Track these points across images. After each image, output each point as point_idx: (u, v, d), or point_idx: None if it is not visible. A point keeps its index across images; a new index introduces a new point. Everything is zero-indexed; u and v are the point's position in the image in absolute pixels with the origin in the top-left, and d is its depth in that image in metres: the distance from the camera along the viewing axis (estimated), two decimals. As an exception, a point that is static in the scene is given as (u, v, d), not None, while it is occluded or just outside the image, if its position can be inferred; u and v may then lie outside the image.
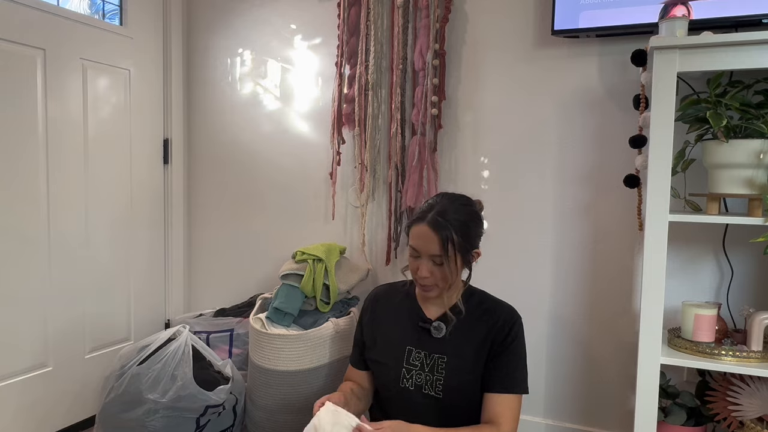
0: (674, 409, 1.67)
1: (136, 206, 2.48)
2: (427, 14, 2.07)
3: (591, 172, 1.98)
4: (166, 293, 2.66)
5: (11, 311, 2.01)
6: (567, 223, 2.01)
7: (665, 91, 1.47)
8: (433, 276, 1.39)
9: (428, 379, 1.43)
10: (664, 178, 1.48)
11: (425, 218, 1.37)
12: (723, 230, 1.78)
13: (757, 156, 1.45)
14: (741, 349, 1.50)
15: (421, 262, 1.39)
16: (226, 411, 1.99)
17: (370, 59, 2.18)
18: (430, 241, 1.36)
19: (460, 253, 1.37)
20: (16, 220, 2.01)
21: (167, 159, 2.61)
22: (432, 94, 2.07)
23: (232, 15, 2.54)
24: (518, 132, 2.07)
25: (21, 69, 2.01)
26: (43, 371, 2.13)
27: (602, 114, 1.95)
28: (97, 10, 2.38)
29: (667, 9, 1.55)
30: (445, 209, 1.38)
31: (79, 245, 2.23)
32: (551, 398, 2.06)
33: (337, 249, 2.18)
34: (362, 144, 2.23)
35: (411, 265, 1.43)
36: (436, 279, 1.39)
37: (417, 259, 1.40)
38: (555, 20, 1.88)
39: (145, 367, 1.92)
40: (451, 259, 1.36)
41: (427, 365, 1.44)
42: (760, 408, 1.55)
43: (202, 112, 2.64)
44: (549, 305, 2.04)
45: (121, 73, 2.39)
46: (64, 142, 2.16)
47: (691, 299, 1.69)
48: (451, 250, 1.35)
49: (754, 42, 1.40)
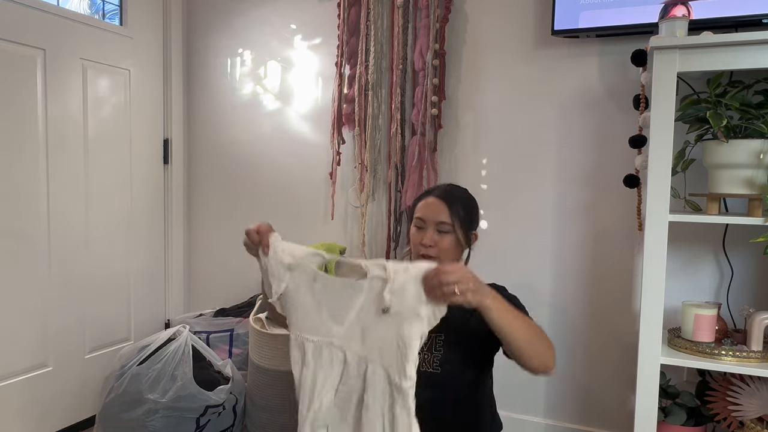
0: (674, 409, 1.67)
1: (136, 206, 2.48)
2: (427, 14, 2.06)
3: (591, 172, 1.98)
4: (166, 293, 2.66)
5: (11, 311, 2.01)
6: (567, 223, 2.01)
7: (665, 91, 1.47)
8: (437, 246, 1.41)
9: (426, 358, 1.43)
10: (664, 178, 1.48)
11: (433, 192, 1.46)
12: (723, 230, 1.78)
13: (757, 156, 1.45)
14: (741, 349, 1.50)
15: (425, 232, 1.42)
16: (226, 411, 1.99)
17: (370, 59, 2.18)
18: (438, 209, 1.41)
19: (463, 228, 1.42)
20: (16, 219, 2.01)
21: (167, 159, 2.61)
22: (432, 94, 2.07)
23: (232, 15, 2.54)
24: (518, 132, 2.07)
25: (21, 69, 2.01)
26: (43, 371, 2.13)
27: (602, 114, 1.95)
28: (97, 10, 2.38)
29: (667, 9, 1.55)
30: (451, 187, 1.49)
31: (79, 245, 2.23)
32: (551, 398, 2.06)
33: (337, 249, 2.18)
34: (362, 144, 2.23)
35: (414, 238, 1.45)
36: (439, 249, 1.42)
37: (421, 231, 1.43)
38: (555, 20, 1.88)
39: (145, 367, 1.92)
40: (456, 229, 1.41)
41: (425, 345, 1.44)
42: (760, 408, 1.55)
43: (202, 112, 2.64)
44: (549, 305, 2.04)
45: (121, 73, 2.38)
46: (64, 142, 2.16)
47: (691, 299, 1.69)
48: (457, 221, 1.41)
49: (754, 42, 1.40)
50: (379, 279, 1.14)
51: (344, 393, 1.19)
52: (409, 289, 1.12)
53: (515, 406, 2.07)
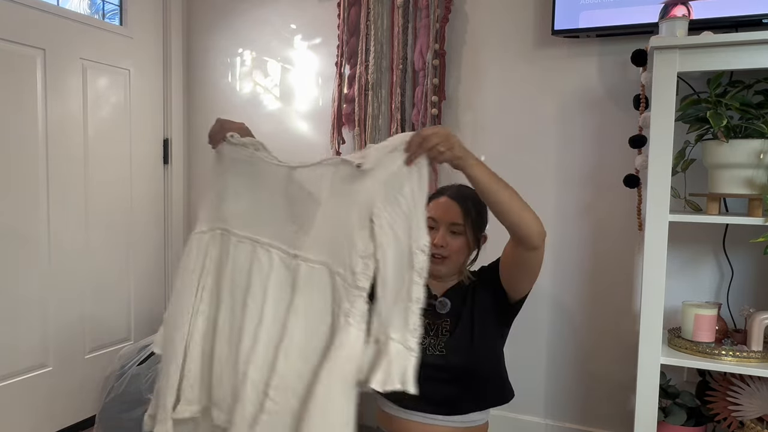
0: (674, 409, 1.67)
1: (136, 206, 2.48)
2: (427, 14, 2.07)
3: (591, 172, 1.97)
4: (166, 293, 2.66)
5: (11, 311, 2.01)
6: (567, 223, 2.01)
7: (665, 91, 1.47)
8: (448, 247, 1.43)
9: (432, 343, 1.43)
10: (664, 178, 1.48)
11: (445, 191, 1.47)
12: (723, 230, 1.78)
13: (757, 156, 1.45)
14: (741, 349, 1.50)
15: (436, 232, 1.43)
16: (226, 411, 1.99)
17: (370, 59, 2.18)
18: (451, 209, 1.43)
19: (474, 229, 1.44)
20: (16, 220, 2.01)
21: (167, 159, 2.61)
22: (432, 94, 2.07)
23: (232, 15, 2.54)
24: (518, 132, 2.07)
25: (21, 69, 2.00)
26: (43, 371, 2.13)
27: (602, 114, 1.94)
28: (97, 10, 2.38)
29: (667, 9, 1.55)
30: (462, 187, 1.47)
31: (79, 245, 2.23)
32: (551, 398, 2.06)
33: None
34: (362, 144, 2.23)
35: None
36: (450, 250, 1.43)
37: (432, 231, 1.42)
38: (555, 20, 1.88)
39: (145, 367, 1.92)
40: (468, 230, 1.43)
41: (431, 329, 1.45)
42: (760, 408, 1.55)
43: (202, 112, 2.63)
44: (549, 305, 2.04)
45: (121, 73, 2.38)
46: (64, 142, 2.16)
47: (691, 299, 1.69)
48: (469, 222, 1.42)
49: (754, 42, 1.40)
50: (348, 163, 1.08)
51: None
52: (385, 155, 1.07)
53: (515, 406, 2.06)
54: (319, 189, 1.11)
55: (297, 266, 1.10)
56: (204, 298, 1.17)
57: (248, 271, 1.14)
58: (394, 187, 1.06)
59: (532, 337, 2.04)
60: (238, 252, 1.17)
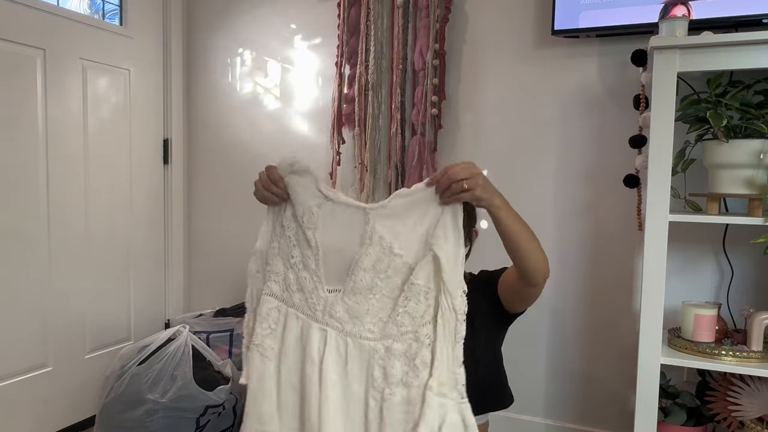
0: (674, 409, 1.67)
1: (136, 206, 2.48)
2: (427, 14, 2.07)
3: (591, 172, 1.97)
4: (166, 293, 2.66)
5: (11, 311, 2.01)
6: (567, 223, 2.01)
7: (665, 91, 1.47)
8: None
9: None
10: (664, 178, 1.48)
11: None
12: (723, 230, 1.78)
13: (757, 156, 1.45)
14: (741, 349, 1.50)
15: None
16: (226, 411, 1.99)
17: (370, 59, 2.17)
18: None
19: (465, 224, 1.41)
20: (16, 219, 2.01)
21: (167, 159, 2.61)
22: (432, 94, 2.07)
23: (232, 15, 2.54)
24: (518, 132, 2.07)
25: (21, 69, 2.00)
26: (43, 371, 2.13)
27: (602, 114, 1.94)
28: (97, 10, 2.38)
29: (667, 9, 1.55)
30: None
31: (79, 245, 2.23)
32: (551, 398, 2.06)
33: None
34: (362, 144, 2.23)
35: None
36: None
37: None
38: (555, 20, 1.88)
39: (145, 367, 1.92)
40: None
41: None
42: (760, 408, 1.55)
43: (202, 112, 2.63)
44: (549, 305, 2.04)
45: (121, 73, 2.38)
46: (64, 142, 2.16)
47: (691, 299, 1.69)
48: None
49: (754, 42, 1.40)
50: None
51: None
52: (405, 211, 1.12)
53: (515, 406, 2.06)
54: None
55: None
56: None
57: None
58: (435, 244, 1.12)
59: (532, 337, 2.04)
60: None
